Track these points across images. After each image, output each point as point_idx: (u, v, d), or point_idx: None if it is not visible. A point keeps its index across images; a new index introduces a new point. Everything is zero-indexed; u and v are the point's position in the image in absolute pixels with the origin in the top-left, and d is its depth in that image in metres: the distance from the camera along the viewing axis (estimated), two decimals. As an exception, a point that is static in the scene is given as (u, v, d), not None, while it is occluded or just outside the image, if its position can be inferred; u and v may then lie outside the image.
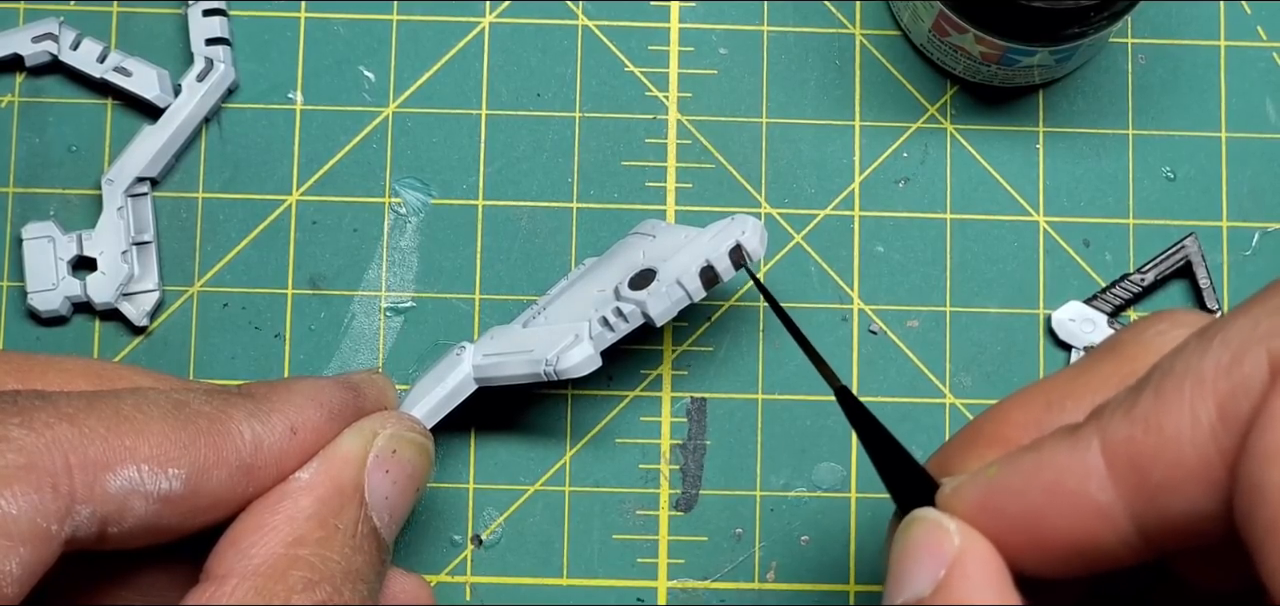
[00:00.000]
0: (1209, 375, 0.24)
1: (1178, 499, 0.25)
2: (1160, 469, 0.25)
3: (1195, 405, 0.24)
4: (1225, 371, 0.24)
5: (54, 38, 0.40)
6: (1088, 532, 0.26)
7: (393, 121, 0.41)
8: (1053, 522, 0.26)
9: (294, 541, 0.30)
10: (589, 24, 0.42)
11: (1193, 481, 0.24)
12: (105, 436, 0.28)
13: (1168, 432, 0.25)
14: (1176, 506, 0.25)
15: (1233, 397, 0.24)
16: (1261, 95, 0.42)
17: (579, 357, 0.35)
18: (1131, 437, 0.25)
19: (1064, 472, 0.26)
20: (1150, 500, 0.25)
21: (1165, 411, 0.25)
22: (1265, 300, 0.25)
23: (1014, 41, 0.38)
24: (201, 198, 0.41)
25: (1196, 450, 0.24)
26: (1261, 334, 0.24)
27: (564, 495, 0.40)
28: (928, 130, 0.42)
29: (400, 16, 0.42)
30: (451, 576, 0.40)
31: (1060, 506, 0.26)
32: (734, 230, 0.36)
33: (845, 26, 0.42)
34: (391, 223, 0.41)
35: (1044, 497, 0.26)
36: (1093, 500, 0.25)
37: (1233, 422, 0.24)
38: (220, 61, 0.41)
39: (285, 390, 0.32)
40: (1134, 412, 0.25)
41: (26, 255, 0.40)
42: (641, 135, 0.42)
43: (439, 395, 0.37)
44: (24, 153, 0.41)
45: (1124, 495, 0.25)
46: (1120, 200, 0.42)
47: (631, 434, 0.40)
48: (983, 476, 0.27)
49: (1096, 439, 0.26)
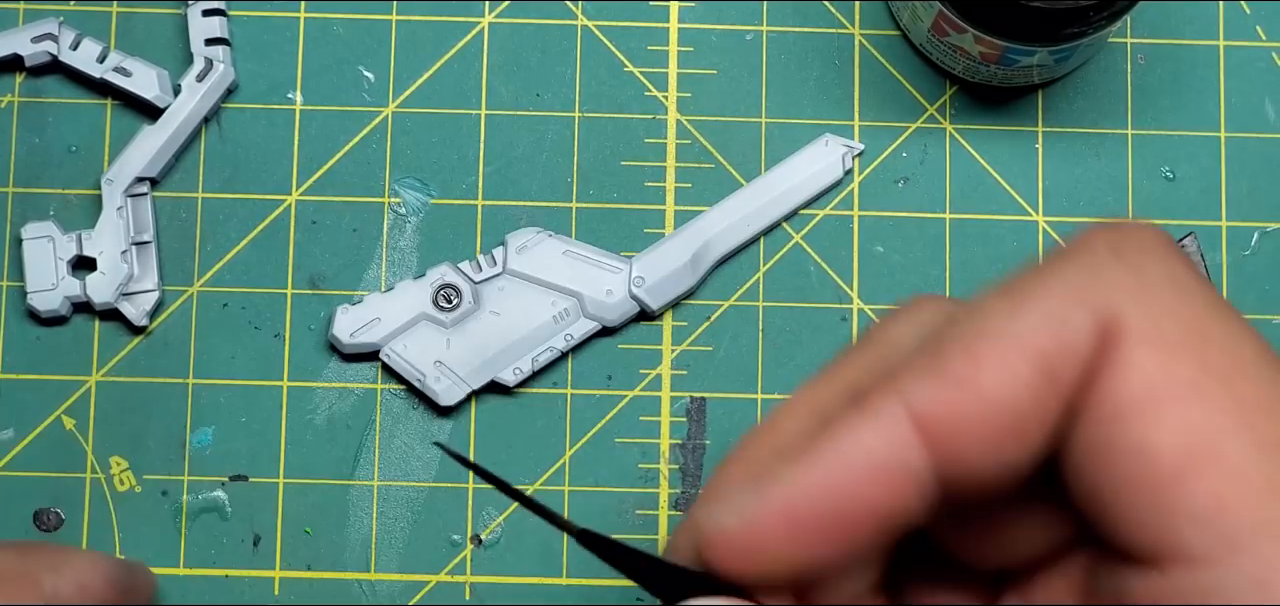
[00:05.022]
0: (1028, 337, 0.24)
1: (990, 458, 0.25)
2: (976, 429, 0.25)
3: (1016, 366, 0.24)
4: (1047, 333, 0.24)
5: (54, 38, 0.40)
6: (900, 503, 0.25)
7: (392, 121, 0.41)
8: (866, 501, 0.25)
9: None
10: (588, 24, 0.42)
11: (1008, 440, 0.24)
12: None
13: (988, 394, 0.24)
14: (987, 465, 0.25)
15: (1058, 359, 0.24)
16: (1261, 95, 0.42)
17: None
18: (946, 400, 0.25)
19: (873, 447, 0.25)
20: (962, 461, 0.25)
21: (983, 372, 0.24)
22: (1075, 258, 0.25)
23: (1013, 41, 0.38)
24: (201, 197, 0.41)
25: (1014, 410, 0.24)
26: (1081, 298, 0.24)
27: (564, 495, 0.40)
28: (927, 130, 0.42)
29: (400, 16, 0.42)
30: (451, 576, 0.40)
31: (874, 483, 0.25)
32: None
33: (845, 26, 0.42)
34: (391, 222, 0.41)
35: (855, 479, 0.25)
36: (907, 468, 0.25)
37: (1056, 383, 0.24)
38: (220, 61, 0.41)
39: (71, 552, 0.36)
40: (945, 376, 0.25)
41: (26, 255, 0.40)
42: (641, 135, 0.42)
43: None
44: (24, 153, 0.41)
45: (936, 458, 0.25)
46: (1120, 200, 0.42)
47: (631, 434, 0.40)
48: (777, 485, 0.26)
49: (901, 407, 0.25)
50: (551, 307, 0.40)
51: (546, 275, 0.40)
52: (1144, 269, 0.24)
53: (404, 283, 0.40)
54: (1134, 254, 0.25)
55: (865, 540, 0.26)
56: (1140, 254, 0.25)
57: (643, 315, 0.40)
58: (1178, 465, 0.23)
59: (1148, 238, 0.25)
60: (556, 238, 0.40)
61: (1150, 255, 0.25)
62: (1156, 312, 0.24)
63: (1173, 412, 0.23)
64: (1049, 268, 0.25)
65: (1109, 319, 0.24)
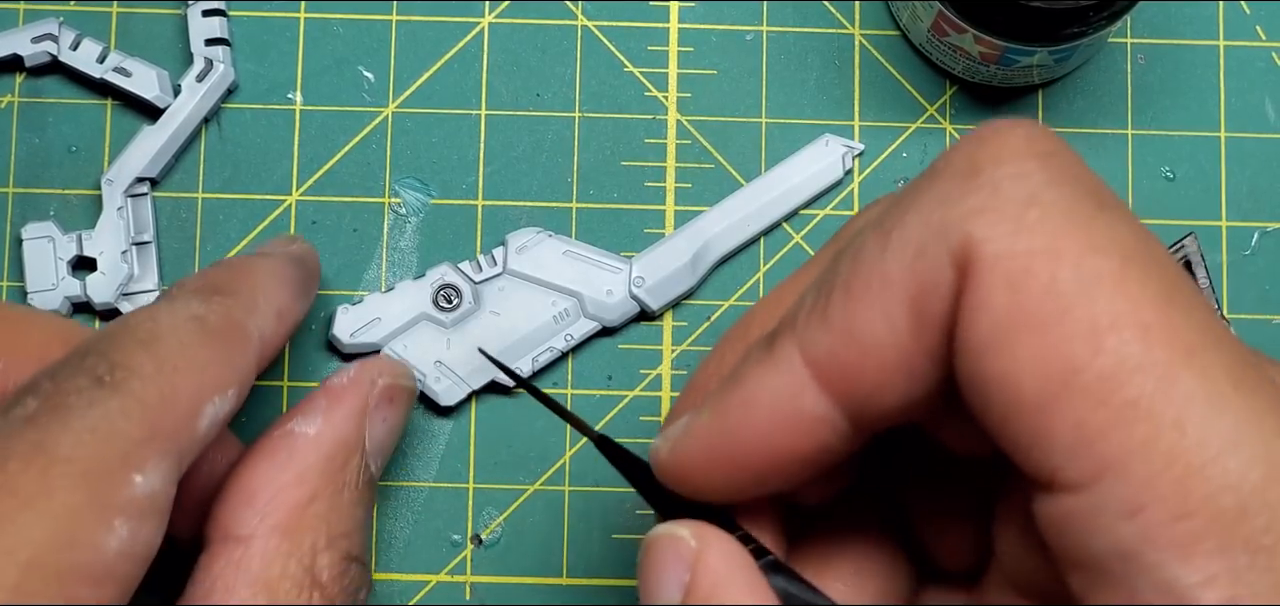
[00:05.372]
0: (894, 275, 0.24)
1: (889, 394, 0.25)
2: (865, 372, 0.25)
3: (887, 307, 0.24)
4: (909, 270, 0.24)
5: (54, 38, 0.40)
6: (812, 442, 0.26)
7: (392, 121, 0.41)
8: (776, 445, 0.26)
9: (309, 499, 0.31)
10: (588, 24, 0.42)
11: (899, 377, 0.24)
12: (183, 384, 0.28)
13: (866, 339, 0.24)
14: (889, 400, 0.25)
15: (923, 295, 0.24)
16: (1261, 95, 0.42)
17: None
18: (831, 349, 0.25)
19: (773, 396, 0.26)
20: (861, 401, 0.25)
21: (859, 317, 0.24)
22: (930, 186, 0.24)
23: (1013, 41, 0.38)
24: (201, 197, 0.41)
25: (897, 350, 0.24)
26: (936, 228, 0.24)
27: (564, 495, 0.40)
28: (927, 130, 0.42)
29: (400, 16, 0.42)
30: (451, 576, 0.40)
31: (779, 429, 0.26)
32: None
33: (844, 26, 0.42)
34: (391, 222, 0.41)
35: (760, 425, 0.26)
36: (808, 413, 0.25)
37: (927, 319, 0.24)
38: (220, 61, 0.41)
39: (253, 276, 0.33)
40: (828, 320, 0.25)
41: (26, 255, 0.40)
42: (641, 135, 0.42)
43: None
44: (24, 153, 0.41)
45: (836, 400, 0.25)
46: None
47: (631, 434, 0.40)
48: (697, 422, 0.27)
49: (796, 353, 0.25)
50: (551, 308, 0.40)
51: (546, 275, 0.40)
52: (998, 185, 0.23)
53: (404, 283, 0.40)
54: (990, 166, 0.24)
55: (786, 472, 0.26)
56: (996, 166, 0.24)
57: (643, 315, 0.40)
58: (1037, 397, 0.22)
59: (1008, 145, 0.24)
60: (556, 237, 0.40)
61: (1007, 166, 0.24)
62: (1008, 234, 0.23)
63: (1027, 343, 0.22)
64: (914, 192, 0.25)
65: (963, 247, 0.23)
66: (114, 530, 0.25)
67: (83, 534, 0.25)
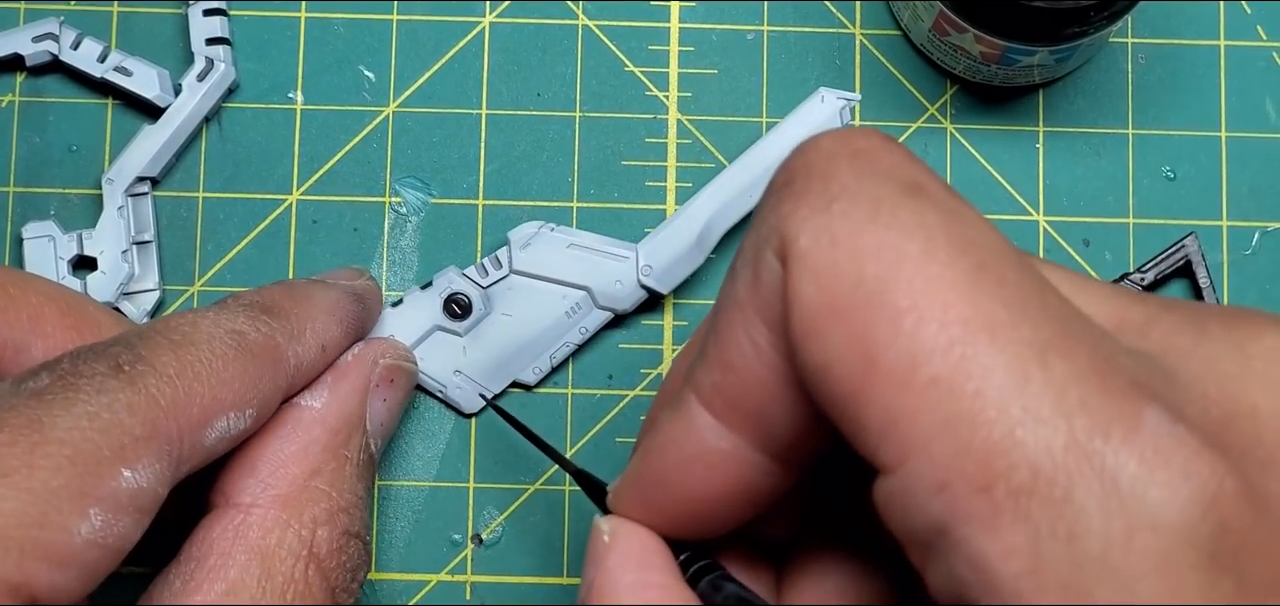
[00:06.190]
0: (743, 294, 0.25)
1: (780, 411, 0.25)
2: (747, 394, 0.25)
3: (745, 326, 0.25)
4: (752, 286, 0.24)
5: (54, 37, 0.40)
6: (730, 479, 0.26)
7: (393, 121, 0.41)
8: (693, 485, 0.26)
9: (312, 473, 0.31)
10: (589, 24, 0.42)
11: (783, 392, 0.25)
12: (201, 392, 0.28)
13: (737, 362, 0.25)
14: (785, 425, 0.25)
15: (766, 306, 0.24)
16: (1261, 95, 0.42)
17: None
18: (715, 382, 0.25)
19: (682, 441, 0.26)
20: (759, 426, 0.25)
21: (727, 342, 0.25)
22: (760, 206, 0.25)
23: (1014, 41, 0.38)
24: (202, 197, 0.41)
25: (767, 366, 0.25)
26: (763, 237, 0.24)
27: (564, 495, 0.40)
28: (928, 130, 0.42)
29: (400, 16, 0.42)
30: (451, 575, 0.40)
31: (691, 468, 0.26)
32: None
33: (845, 26, 0.42)
34: (392, 222, 0.41)
35: (675, 468, 0.26)
36: (714, 449, 0.26)
37: (780, 330, 0.24)
38: (220, 61, 0.41)
39: (308, 304, 0.33)
40: (706, 356, 0.25)
41: (27, 255, 0.40)
42: (641, 135, 0.42)
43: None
44: (24, 152, 0.41)
45: (736, 431, 0.25)
46: (1120, 200, 0.42)
47: (631, 433, 0.40)
48: (629, 470, 0.28)
49: (691, 394, 0.26)
50: (563, 302, 0.40)
51: (554, 271, 0.40)
52: (807, 191, 0.24)
53: (412, 293, 0.40)
54: (803, 175, 0.24)
55: (717, 510, 0.27)
56: (807, 169, 0.24)
57: (654, 298, 0.40)
58: (850, 384, 0.23)
59: (819, 149, 0.25)
60: (559, 229, 0.40)
61: (815, 167, 0.24)
62: (815, 228, 0.23)
63: (834, 332, 0.23)
64: (757, 210, 0.25)
65: (781, 247, 0.24)
66: (88, 518, 0.26)
67: (55, 516, 0.25)
